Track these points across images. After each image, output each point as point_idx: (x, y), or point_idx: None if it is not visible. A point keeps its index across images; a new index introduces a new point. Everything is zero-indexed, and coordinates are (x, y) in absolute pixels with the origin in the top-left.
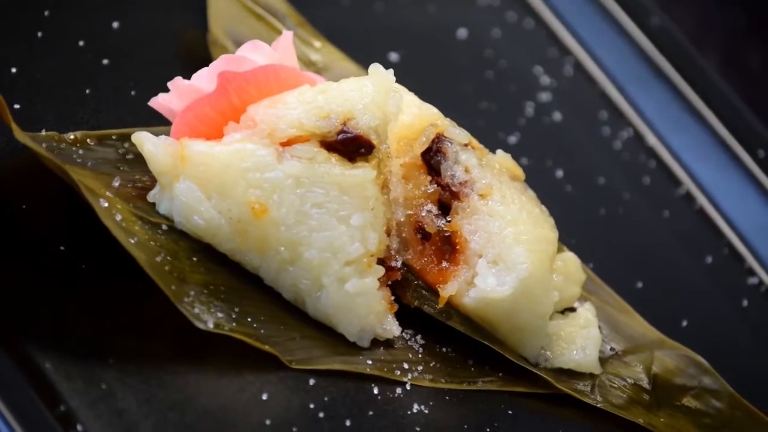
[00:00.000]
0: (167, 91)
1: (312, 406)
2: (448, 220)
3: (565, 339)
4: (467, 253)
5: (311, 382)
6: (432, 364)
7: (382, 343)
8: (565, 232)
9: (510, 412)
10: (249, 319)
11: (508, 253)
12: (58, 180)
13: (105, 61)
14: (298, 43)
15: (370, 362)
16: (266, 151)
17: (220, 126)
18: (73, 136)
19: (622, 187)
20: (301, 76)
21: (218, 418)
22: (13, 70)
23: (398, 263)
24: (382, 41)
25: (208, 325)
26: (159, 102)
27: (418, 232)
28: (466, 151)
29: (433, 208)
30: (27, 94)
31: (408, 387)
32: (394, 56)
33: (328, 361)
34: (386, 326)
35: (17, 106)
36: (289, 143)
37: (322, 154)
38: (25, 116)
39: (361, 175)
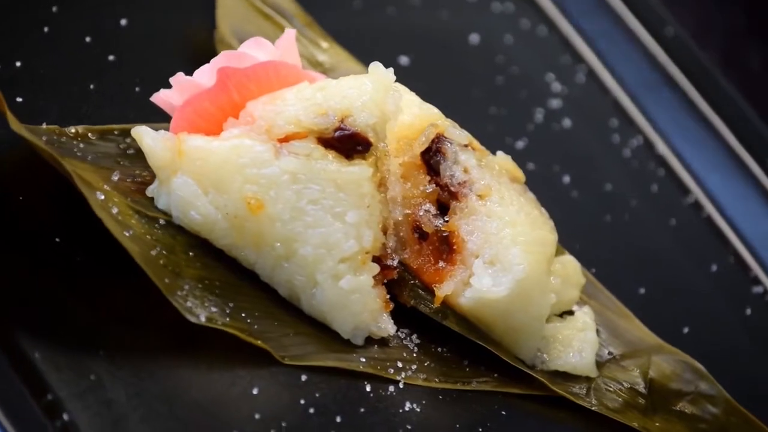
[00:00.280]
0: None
1: (302, 402)
2: (446, 220)
3: (562, 342)
4: (464, 254)
5: (303, 378)
6: (426, 364)
7: (377, 342)
8: (568, 237)
9: (504, 413)
10: (243, 315)
11: (505, 254)
12: (56, 173)
13: (111, 58)
14: (306, 43)
15: (363, 360)
16: (263, 147)
17: (219, 122)
18: (75, 130)
19: (629, 194)
20: (302, 74)
21: (208, 412)
22: (18, 63)
23: (394, 262)
24: (393, 44)
25: (200, 318)
26: (161, 97)
27: (415, 231)
28: (466, 151)
29: (431, 208)
30: (30, 88)
31: (401, 386)
32: (404, 59)
33: (321, 358)
34: (381, 324)
35: (20, 100)
36: (287, 139)
37: (319, 150)
38: (28, 110)
39: (358, 173)
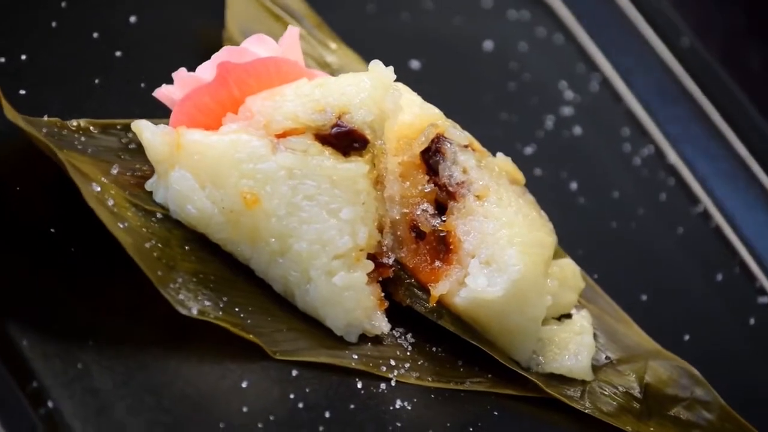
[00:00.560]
0: None
1: (292, 397)
2: (443, 219)
3: (559, 345)
4: (460, 253)
5: (294, 374)
6: (420, 363)
7: (371, 340)
8: (571, 242)
9: (496, 413)
10: (236, 309)
11: (501, 255)
12: (55, 164)
13: (118, 54)
14: (315, 44)
15: (356, 357)
16: (261, 143)
17: (219, 117)
18: (76, 123)
19: (636, 202)
20: (303, 71)
21: (195, 403)
22: (23, 57)
23: (390, 260)
24: (405, 48)
25: (192, 311)
26: (162, 92)
27: (412, 230)
28: (465, 152)
29: (429, 208)
30: (34, 81)
31: (393, 383)
32: (415, 63)
33: (313, 354)
34: (375, 322)
35: (23, 92)
36: (285, 135)
37: (315, 146)
38: (31, 102)
39: (353, 169)
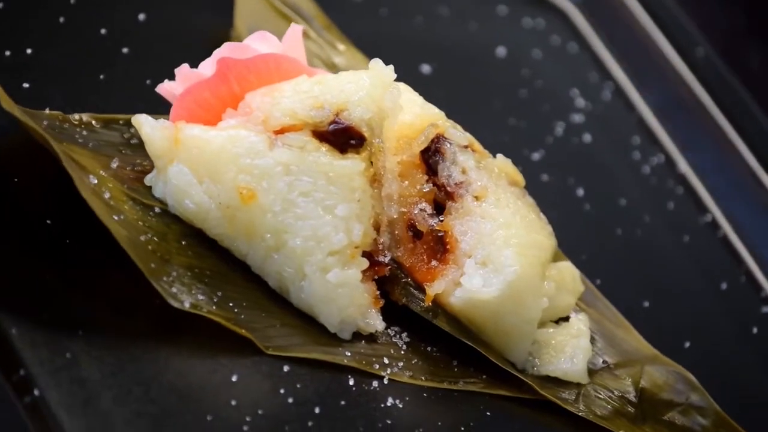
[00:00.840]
0: None
1: (282, 392)
2: (441, 219)
3: (555, 347)
4: (457, 253)
5: (285, 369)
6: (414, 362)
7: (365, 337)
8: (575, 247)
9: (488, 414)
10: (230, 304)
11: (497, 255)
12: (53, 157)
13: (124, 50)
14: (323, 45)
15: (348, 354)
16: (258, 138)
17: (218, 112)
18: (79, 117)
19: (643, 210)
20: (304, 68)
21: (183, 395)
22: (29, 51)
23: (386, 258)
24: (416, 53)
25: (184, 304)
26: (165, 88)
27: (410, 229)
28: (465, 152)
29: (427, 207)
30: (38, 75)
31: (385, 381)
32: (425, 68)
33: (305, 350)
34: (369, 320)
35: (26, 86)
36: (283, 131)
37: (312, 143)
38: (33, 96)
39: (350, 166)
